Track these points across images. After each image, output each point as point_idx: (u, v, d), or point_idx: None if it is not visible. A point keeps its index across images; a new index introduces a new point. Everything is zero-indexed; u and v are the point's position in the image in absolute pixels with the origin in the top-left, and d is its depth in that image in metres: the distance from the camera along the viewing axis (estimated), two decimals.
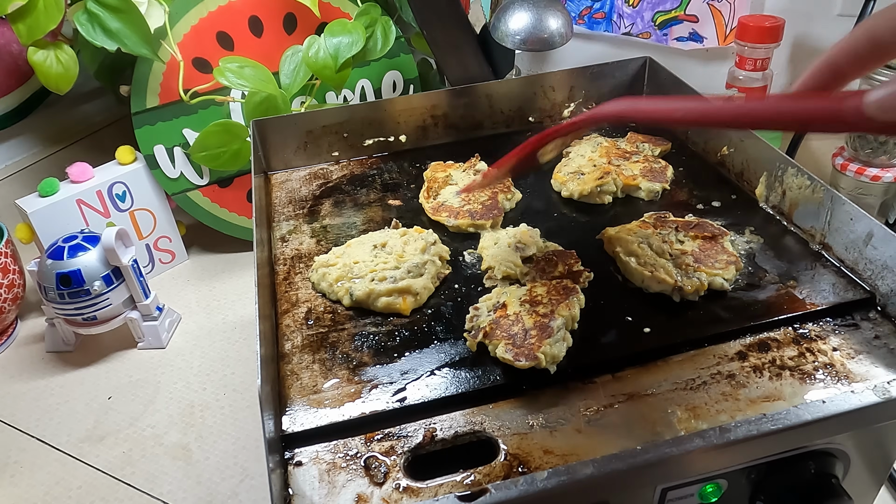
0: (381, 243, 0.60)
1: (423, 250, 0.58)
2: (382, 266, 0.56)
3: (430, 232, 0.62)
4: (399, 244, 0.60)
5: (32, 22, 0.78)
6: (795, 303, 0.53)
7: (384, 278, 0.55)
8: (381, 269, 0.56)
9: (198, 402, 0.77)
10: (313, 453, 0.44)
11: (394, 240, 0.60)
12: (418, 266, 0.56)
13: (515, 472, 0.42)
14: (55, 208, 0.85)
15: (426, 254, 0.58)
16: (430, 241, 0.60)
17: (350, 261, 0.58)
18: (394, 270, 0.56)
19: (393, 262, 0.57)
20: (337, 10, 0.95)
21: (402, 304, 0.54)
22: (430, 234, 0.61)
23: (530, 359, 0.47)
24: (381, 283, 0.55)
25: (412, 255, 0.58)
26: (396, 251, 0.58)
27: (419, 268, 0.56)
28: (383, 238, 0.61)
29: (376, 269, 0.56)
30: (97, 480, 0.68)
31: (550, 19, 0.85)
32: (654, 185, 0.67)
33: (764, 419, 0.40)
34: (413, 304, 0.55)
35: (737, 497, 0.47)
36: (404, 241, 0.60)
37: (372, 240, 0.61)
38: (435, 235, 0.61)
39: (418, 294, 0.55)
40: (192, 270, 0.98)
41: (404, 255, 0.58)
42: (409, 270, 0.56)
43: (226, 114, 0.93)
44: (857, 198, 0.87)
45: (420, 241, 0.59)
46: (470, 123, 0.81)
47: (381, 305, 0.55)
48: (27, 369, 0.83)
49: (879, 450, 0.49)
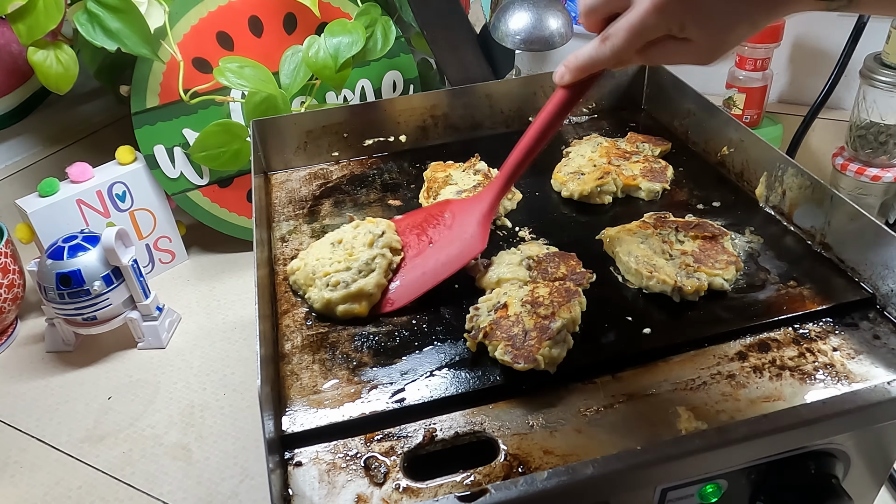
0: (338, 240, 0.59)
1: (370, 244, 0.57)
2: (336, 267, 0.56)
3: (379, 221, 0.60)
4: (350, 238, 0.59)
5: (32, 22, 0.78)
6: (795, 303, 0.53)
7: (337, 283, 0.55)
8: (334, 270, 0.55)
9: (198, 402, 0.76)
10: (313, 454, 0.44)
11: (347, 234, 0.59)
12: (367, 263, 0.56)
13: (515, 473, 0.42)
14: (55, 208, 0.85)
15: (374, 247, 0.57)
16: (378, 232, 0.58)
17: (312, 259, 0.58)
18: (345, 272, 0.55)
19: (344, 262, 0.56)
20: (337, 10, 0.95)
21: (358, 308, 0.54)
22: (379, 224, 0.60)
23: (529, 361, 0.47)
24: (336, 289, 0.54)
25: (361, 251, 0.57)
26: (347, 248, 0.57)
27: (368, 265, 0.56)
28: (339, 234, 0.60)
29: (330, 272, 0.55)
30: (97, 480, 0.68)
31: (550, 19, 0.85)
32: (654, 185, 0.67)
33: (764, 419, 0.40)
34: (370, 303, 0.55)
35: (737, 497, 0.46)
36: (354, 234, 0.59)
37: (331, 237, 0.60)
38: (384, 225, 0.60)
39: (372, 294, 0.55)
40: (192, 270, 0.98)
41: (353, 252, 0.57)
42: (359, 270, 0.55)
43: (226, 114, 0.93)
44: (857, 198, 0.87)
45: (367, 234, 0.58)
46: (470, 123, 0.81)
47: (340, 314, 0.55)
48: (27, 369, 0.83)
49: (879, 450, 0.49)
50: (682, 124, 0.77)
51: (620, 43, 0.45)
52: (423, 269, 0.57)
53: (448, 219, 0.61)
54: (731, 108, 0.99)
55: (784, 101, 1.05)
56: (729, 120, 0.69)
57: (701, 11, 0.42)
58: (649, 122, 0.81)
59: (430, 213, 0.63)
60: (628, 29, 0.44)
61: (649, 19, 0.43)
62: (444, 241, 0.59)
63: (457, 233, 0.59)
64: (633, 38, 0.44)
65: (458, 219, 0.60)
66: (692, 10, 0.42)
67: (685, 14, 0.42)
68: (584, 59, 0.48)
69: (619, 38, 0.45)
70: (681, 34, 0.43)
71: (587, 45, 0.48)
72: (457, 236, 0.59)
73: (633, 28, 0.44)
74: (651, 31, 0.43)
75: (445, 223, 0.61)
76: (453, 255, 0.57)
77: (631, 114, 0.84)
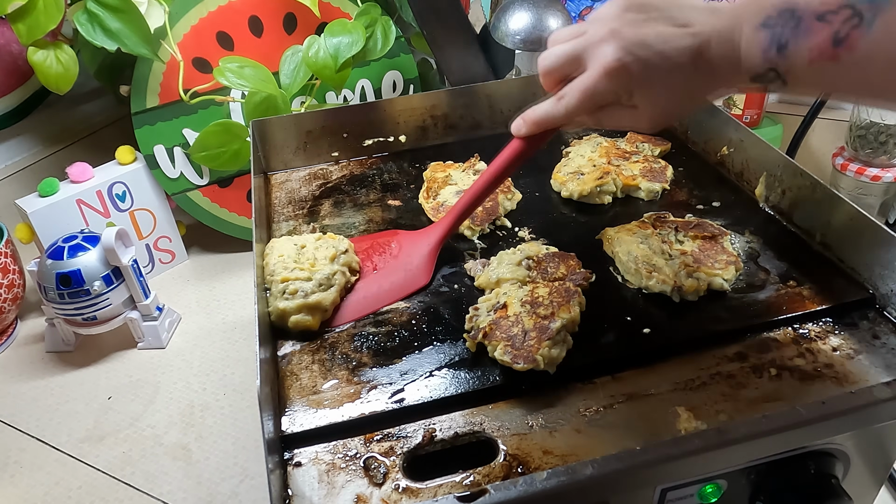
0: (302, 245, 0.59)
1: (331, 259, 0.57)
2: (297, 274, 0.55)
3: (341, 239, 0.60)
4: (312, 249, 0.59)
5: (32, 22, 0.78)
6: (795, 303, 0.53)
7: (295, 291, 0.54)
8: (294, 277, 0.55)
9: (198, 402, 0.77)
10: (313, 454, 0.44)
11: (310, 244, 0.59)
12: (328, 277, 0.56)
13: (515, 473, 0.42)
14: (55, 208, 0.85)
15: (335, 263, 0.57)
16: (341, 249, 0.59)
17: (276, 255, 0.58)
18: (305, 282, 0.55)
19: (306, 272, 0.56)
20: (337, 10, 0.95)
21: (310, 321, 0.54)
22: (342, 241, 0.60)
23: (528, 361, 0.47)
24: (293, 297, 0.54)
25: (322, 265, 0.57)
26: (309, 259, 0.57)
27: (329, 279, 0.56)
28: (303, 240, 0.60)
29: (289, 279, 0.55)
30: (97, 480, 0.68)
31: (550, 19, 0.85)
32: (653, 185, 0.67)
33: (764, 419, 0.40)
34: (322, 318, 0.55)
35: (737, 497, 0.46)
36: (316, 246, 0.59)
37: (296, 239, 0.60)
38: (346, 244, 0.60)
39: (326, 310, 0.55)
40: (192, 270, 0.98)
41: (315, 265, 0.57)
42: (319, 283, 0.55)
43: (226, 114, 0.93)
44: (857, 198, 0.87)
45: (330, 248, 0.58)
46: (470, 123, 0.81)
47: (291, 324, 0.54)
48: (27, 369, 0.83)
49: (879, 450, 0.49)
50: (682, 124, 0.77)
51: (573, 103, 0.48)
52: (366, 293, 0.58)
53: (394, 248, 0.62)
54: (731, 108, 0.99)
55: (784, 100, 1.05)
56: (729, 120, 0.69)
57: (647, 82, 0.45)
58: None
59: (376, 241, 0.63)
60: (581, 90, 0.47)
61: (600, 84, 0.46)
62: (388, 269, 0.60)
63: (402, 263, 0.60)
64: (584, 99, 0.47)
65: (404, 249, 0.61)
66: (638, 80, 0.45)
67: (632, 83, 0.45)
68: (541, 115, 0.51)
69: (573, 98, 0.48)
70: (628, 102, 0.47)
71: (544, 102, 0.51)
72: (401, 266, 0.60)
73: (585, 90, 0.47)
74: (601, 95, 0.47)
75: (392, 252, 0.62)
76: (397, 284, 0.58)
77: None
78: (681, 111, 0.49)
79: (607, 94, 0.46)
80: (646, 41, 0.44)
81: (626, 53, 0.44)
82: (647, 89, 0.45)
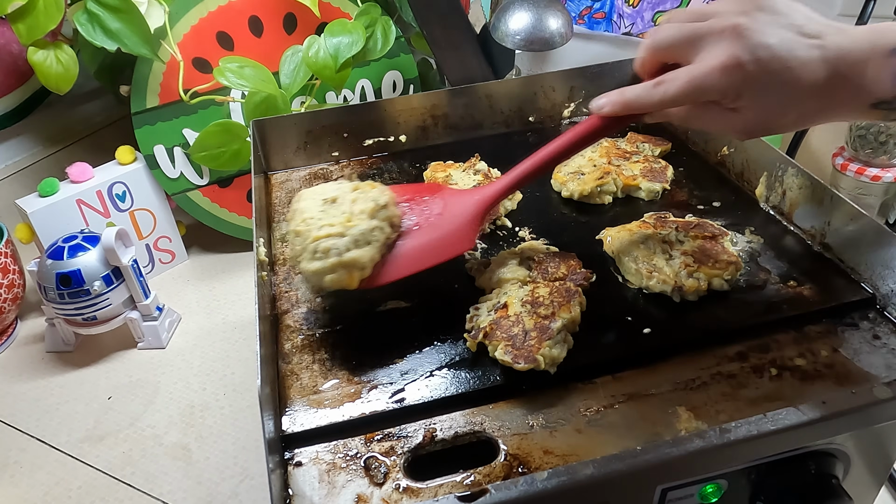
0: (332, 198, 0.53)
1: (371, 214, 0.52)
2: (328, 231, 0.50)
3: (382, 190, 0.54)
4: (348, 202, 0.53)
5: (32, 22, 0.78)
6: (795, 303, 0.53)
7: (328, 250, 0.49)
8: (325, 234, 0.50)
9: (198, 402, 0.76)
10: (313, 453, 0.44)
11: (346, 196, 0.53)
12: (365, 234, 0.50)
13: (515, 473, 0.42)
14: (55, 208, 0.84)
15: (375, 218, 0.52)
16: (381, 202, 0.53)
17: (300, 219, 0.52)
18: (338, 238, 0.50)
19: (339, 226, 0.50)
20: (337, 10, 0.95)
21: (347, 279, 0.49)
22: (383, 193, 0.54)
23: (529, 361, 0.47)
24: (326, 256, 0.49)
25: (359, 220, 0.51)
26: (345, 212, 0.52)
27: (366, 235, 0.50)
28: (335, 192, 0.54)
29: (320, 237, 0.50)
30: (97, 480, 0.68)
31: (550, 19, 0.85)
32: (654, 185, 0.67)
33: (764, 419, 0.40)
34: (360, 276, 0.50)
35: (737, 497, 0.46)
36: (353, 198, 0.53)
37: (323, 193, 0.54)
38: (388, 196, 0.54)
39: (364, 268, 0.50)
40: (192, 270, 0.98)
41: (351, 220, 0.51)
42: (355, 240, 0.50)
43: (226, 114, 0.93)
44: (857, 198, 0.87)
45: (370, 202, 0.52)
46: (470, 123, 0.81)
47: (326, 283, 0.49)
48: (27, 369, 0.83)
49: (879, 450, 0.49)
50: None
51: (674, 92, 0.45)
52: (407, 251, 0.53)
53: (438, 205, 0.56)
54: None
55: None
56: None
57: (761, 88, 0.43)
58: (649, 122, 0.81)
59: (418, 194, 0.57)
60: (687, 80, 0.44)
61: (711, 77, 0.43)
62: (430, 227, 0.55)
63: (446, 221, 0.55)
64: (689, 90, 0.45)
65: (448, 208, 0.56)
66: (752, 83, 0.43)
67: (745, 85, 0.43)
68: (631, 97, 0.48)
69: (675, 86, 0.45)
70: (731, 104, 0.44)
71: (637, 86, 0.48)
72: (445, 224, 0.54)
73: (692, 80, 0.44)
74: (707, 90, 0.44)
75: (434, 208, 0.56)
76: (439, 244, 0.53)
77: None
78: (781, 126, 0.46)
79: (713, 91, 0.44)
80: (770, 44, 0.42)
81: (748, 53, 0.42)
82: (759, 95, 0.43)
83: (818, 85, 0.42)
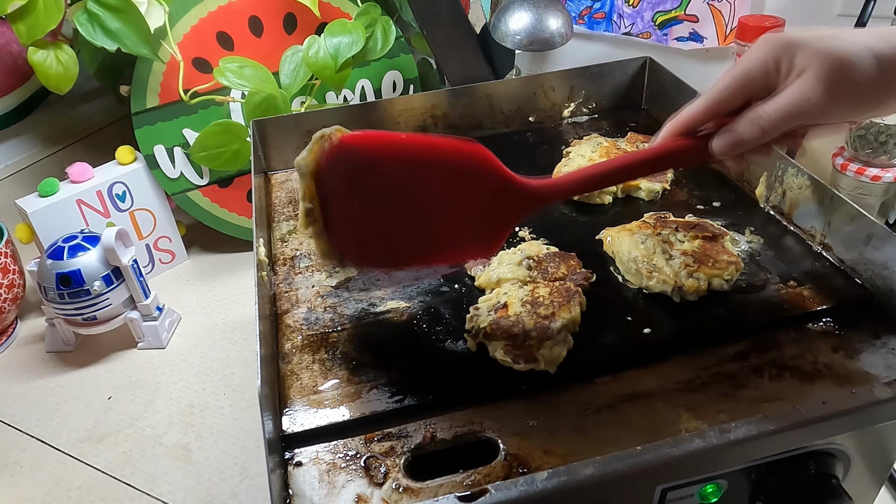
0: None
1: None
2: None
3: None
4: None
5: (32, 22, 0.78)
6: (795, 303, 0.53)
7: None
8: None
9: (198, 402, 0.76)
10: (313, 454, 0.44)
11: None
12: None
13: (515, 473, 0.42)
14: (55, 208, 0.85)
15: None
16: None
17: None
18: None
19: None
20: (337, 10, 0.95)
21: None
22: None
23: (529, 361, 0.47)
24: None
25: None
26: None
27: None
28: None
29: None
30: (97, 480, 0.68)
31: (550, 19, 0.85)
32: (654, 185, 0.67)
33: (764, 419, 0.40)
34: None
35: (737, 497, 0.46)
36: None
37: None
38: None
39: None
40: (192, 270, 0.98)
41: None
42: None
43: (226, 114, 0.93)
44: (857, 198, 0.87)
45: None
46: (470, 123, 0.81)
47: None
48: (27, 369, 0.83)
49: (879, 450, 0.49)
50: None
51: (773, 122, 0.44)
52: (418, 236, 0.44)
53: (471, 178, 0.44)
54: None
55: None
56: None
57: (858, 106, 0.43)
58: (649, 122, 0.81)
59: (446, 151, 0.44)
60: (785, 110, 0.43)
61: (818, 104, 0.42)
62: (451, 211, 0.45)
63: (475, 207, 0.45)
64: (786, 119, 0.44)
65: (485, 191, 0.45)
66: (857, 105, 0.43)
67: (849, 107, 0.43)
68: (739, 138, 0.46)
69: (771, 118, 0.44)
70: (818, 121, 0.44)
71: (737, 124, 0.46)
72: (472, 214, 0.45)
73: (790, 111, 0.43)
74: (810, 115, 0.43)
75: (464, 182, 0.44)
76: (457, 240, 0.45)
77: (631, 114, 0.83)
78: None
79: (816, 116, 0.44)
80: None
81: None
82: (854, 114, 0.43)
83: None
